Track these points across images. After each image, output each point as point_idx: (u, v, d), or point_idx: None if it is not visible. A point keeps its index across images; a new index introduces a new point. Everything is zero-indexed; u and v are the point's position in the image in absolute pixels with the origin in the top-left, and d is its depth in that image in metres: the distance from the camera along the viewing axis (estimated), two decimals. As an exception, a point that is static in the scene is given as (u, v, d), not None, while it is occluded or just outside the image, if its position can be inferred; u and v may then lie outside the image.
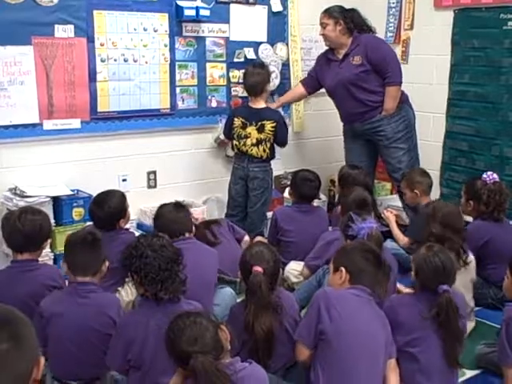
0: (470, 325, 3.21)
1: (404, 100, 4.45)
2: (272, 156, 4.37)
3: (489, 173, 3.80)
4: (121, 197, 3.46)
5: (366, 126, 4.47)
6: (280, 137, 4.31)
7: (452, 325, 2.53)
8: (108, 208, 3.34)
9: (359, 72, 4.34)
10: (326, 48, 4.56)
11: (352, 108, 4.46)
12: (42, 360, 1.37)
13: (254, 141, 4.26)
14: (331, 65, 4.48)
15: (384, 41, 4.66)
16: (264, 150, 4.26)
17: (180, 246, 2.66)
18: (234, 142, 4.37)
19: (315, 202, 4.30)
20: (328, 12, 4.43)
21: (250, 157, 4.30)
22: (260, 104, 4.30)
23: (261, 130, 4.24)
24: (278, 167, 4.94)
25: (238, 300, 3.09)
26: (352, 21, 4.40)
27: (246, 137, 4.28)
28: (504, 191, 3.72)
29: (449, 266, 2.64)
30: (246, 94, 4.49)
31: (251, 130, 4.26)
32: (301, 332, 2.48)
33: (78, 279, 2.64)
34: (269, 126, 4.23)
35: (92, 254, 2.68)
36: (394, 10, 5.32)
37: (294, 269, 3.73)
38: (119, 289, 3.32)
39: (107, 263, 2.75)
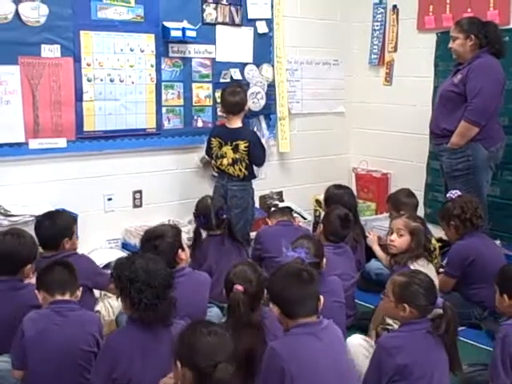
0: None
1: (478, 139, 4.02)
2: (251, 176, 4.38)
3: (452, 191, 3.89)
4: (68, 217, 3.42)
5: (435, 149, 4.37)
6: (254, 156, 4.30)
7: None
8: (51, 225, 3.26)
9: (450, 90, 4.08)
10: None
11: (433, 123, 4.30)
12: None
13: (230, 160, 4.29)
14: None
15: (495, 73, 4.01)
16: (240, 170, 4.29)
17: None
18: (213, 161, 4.42)
19: (300, 223, 4.31)
20: (459, 24, 4.08)
21: (229, 175, 4.33)
22: (236, 123, 4.32)
23: (235, 149, 4.27)
24: (264, 187, 4.96)
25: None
26: (486, 36, 3.99)
27: (222, 156, 4.32)
28: (472, 199, 3.79)
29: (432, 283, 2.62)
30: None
31: (226, 149, 4.29)
32: None
33: (57, 298, 2.62)
34: (242, 145, 4.26)
35: (68, 274, 2.67)
36: (377, 32, 5.39)
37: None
38: (98, 309, 3.31)
39: (81, 289, 2.74)
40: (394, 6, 5.26)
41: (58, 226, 3.27)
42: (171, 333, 2.29)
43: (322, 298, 2.40)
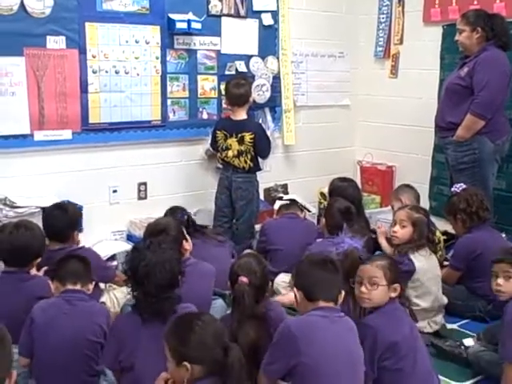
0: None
1: (484, 132, 4.02)
2: (256, 168, 4.39)
3: (456, 185, 3.89)
4: (77, 209, 3.46)
5: (441, 142, 4.39)
6: (259, 148, 4.32)
7: None
8: (63, 216, 3.28)
9: (457, 83, 4.07)
10: None
11: (438, 116, 4.30)
12: (14, 374, 1.40)
13: (235, 152, 4.30)
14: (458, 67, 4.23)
15: (502, 66, 3.99)
16: (245, 162, 4.30)
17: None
18: (218, 153, 4.43)
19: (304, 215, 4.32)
20: (466, 17, 4.07)
21: (234, 167, 4.34)
22: (241, 115, 4.33)
23: (241, 141, 4.28)
24: (268, 179, 4.97)
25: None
26: (492, 29, 3.99)
27: (228, 148, 4.32)
28: (477, 191, 3.79)
29: None
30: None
31: (232, 141, 4.30)
32: (268, 368, 2.36)
33: (68, 287, 2.64)
34: (248, 137, 4.27)
35: (82, 267, 2.71)
36: (383, 24, 5.38)
37: (284, 281, 3.74)
38: (103, 301, 3.32)
39: (94, 282, 2.77)
40: (400, -1, 5.24)
41: (69, 218, 3.31)
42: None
43: (343, 292, 2.45)
